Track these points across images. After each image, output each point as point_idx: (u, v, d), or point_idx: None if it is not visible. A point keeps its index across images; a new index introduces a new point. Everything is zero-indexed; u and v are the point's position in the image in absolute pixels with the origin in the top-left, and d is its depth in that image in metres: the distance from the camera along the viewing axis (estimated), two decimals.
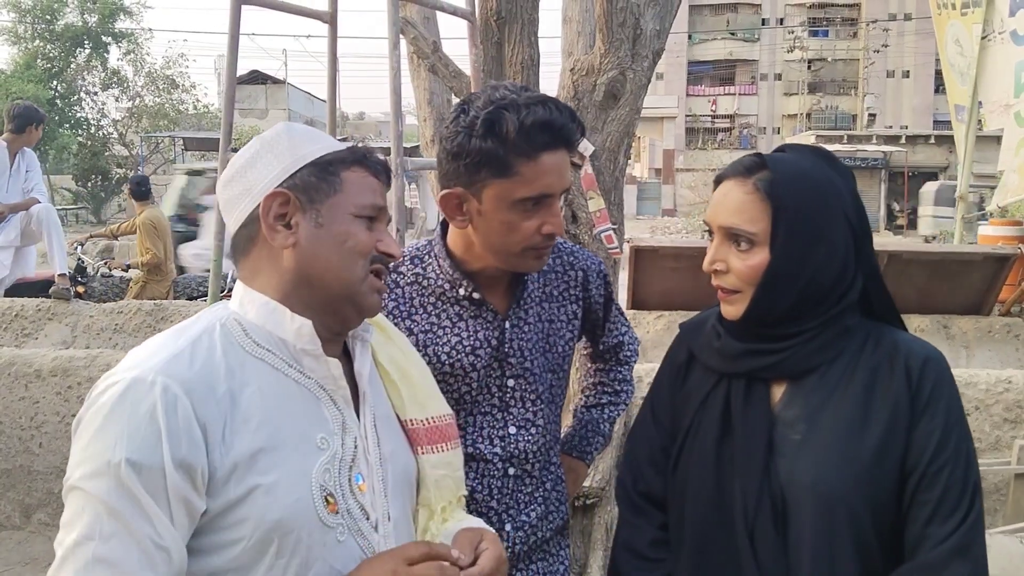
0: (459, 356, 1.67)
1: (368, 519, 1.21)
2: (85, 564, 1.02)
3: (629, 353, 2.07)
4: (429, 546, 1.19)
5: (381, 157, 1.28)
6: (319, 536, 1.14)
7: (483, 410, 1.71)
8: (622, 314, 2.04)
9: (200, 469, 1.07)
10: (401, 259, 1.68)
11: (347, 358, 1.31)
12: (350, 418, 1.23)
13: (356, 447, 1.22)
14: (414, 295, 1.70)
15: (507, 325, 1.70)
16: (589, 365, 2.12)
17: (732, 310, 1.44)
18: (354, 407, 1.26)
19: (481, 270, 1.67)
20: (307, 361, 1.21)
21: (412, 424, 1.36)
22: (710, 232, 1.47)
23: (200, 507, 1.08)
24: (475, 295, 1.68)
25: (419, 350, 1.55)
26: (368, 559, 1.18)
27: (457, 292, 1.69)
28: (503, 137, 1.50)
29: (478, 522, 1.38)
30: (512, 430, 1.72)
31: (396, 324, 1.59)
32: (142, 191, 7.91)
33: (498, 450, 1.71)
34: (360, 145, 1.28)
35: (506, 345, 1.70)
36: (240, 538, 1.09)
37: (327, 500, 1.15)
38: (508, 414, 1.72)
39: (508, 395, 1.72)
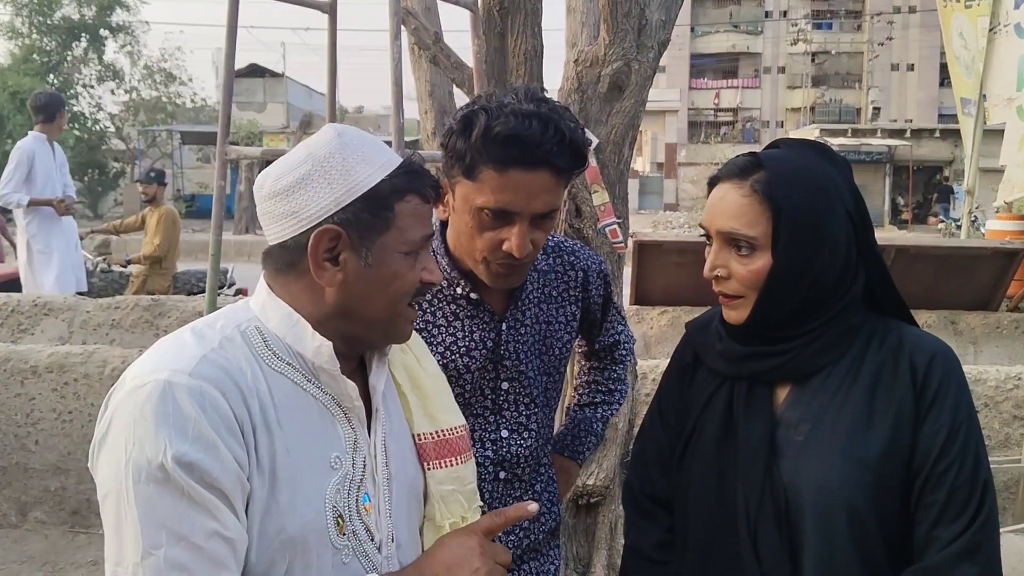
0: (453, 357, 1.63)
1: (372, 540, 1.18)
2: (158, 573, 0.99)
3: (624, 352, 2.04)
4: (504, 515, 1.23)
5: (433, 173, 1.22)
6: (328, 557, 1.12)
7: (475, 412, 1.67)
8: (619, 312, 2.01)
9: (243, 461, 1.05)
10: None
11: (362, 369, 1.27)
12: (362, 437, 1.20)
13: (365, 466, 1.19)
14: None
15: (504, 327, 1.66)
16: (583, 363, 2.09)
17: (735, 315, 1.40)
18: (366, 424, 1.22)
19: None
20: (324, 377, 1.17)
21: (422, 439, 1.33)
22: (707, 236, 1.43)
23: (248, 488, 1.06)
24: (472, 295, 1.64)
25: None
26: (445, 537, 1.22)
27: (454, 291, 1.65)
28: (470, 138, 1.46)
29: None
30: (504, 434, 1.69)
31: None
32: (152, 175, 7.92)
33: (489, 453, 1.68)
34: (414, 160, 1.21)
35: (502, 347, 1.66)
36: (252, 550, 1.07)
37: (338, 521, 1.13)
38: (501, 417, 1.69)
39: (501, 398, 1.69)
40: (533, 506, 1.21)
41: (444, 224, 1.66)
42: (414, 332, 1.45)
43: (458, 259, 1.63)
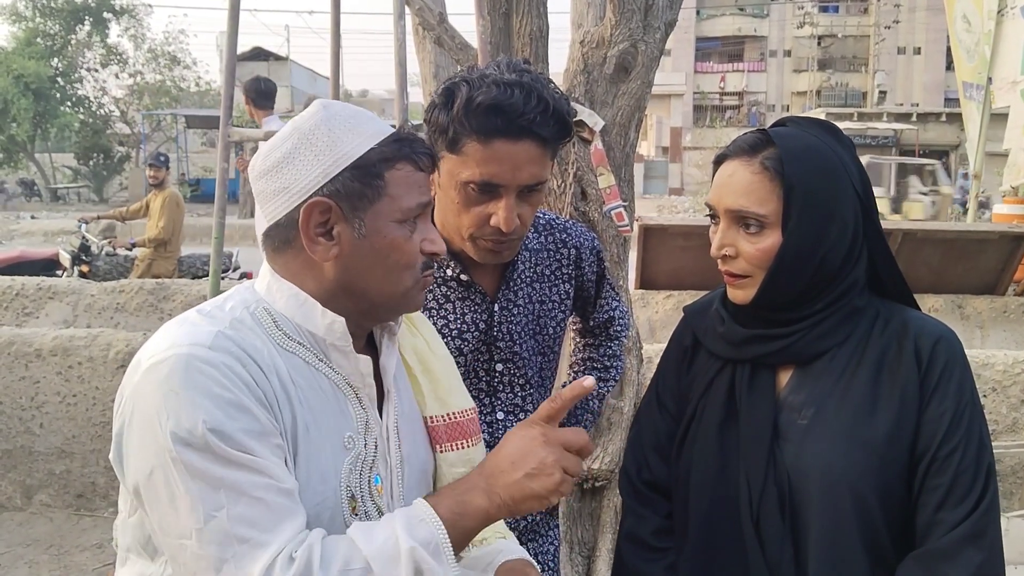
0: (446, 340, 1.60)
1: None
2: (225, 534, 0.98)
3: (619, 328, 2.02)
4: (561, 398, 1.15)
5: (425, 141, 1.20)
6: None
7: (470, 395, 1.65)
8: (613, 289, 1.99)
9: (275, 426, 1.05)
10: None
11: (372, 349, 1.26)
12: (373, 417, 1.19)
13: (376, 447, 1.18)
14: None
15: (496, 308, 1.64)
16: (578, 340, 2.07)
17: (741, 295, 1.39)
18: (377, 405, 1.21)
19: None
20: (335, 356, 1.16)
21: (433, 421, 1.32)
22: (713, 216, 1.41)
23: (285, 449, 1.06)
24: (463, 276, 1.62)
25: None
26: (509, 432, 1.15)
27: (444, 272, 1.62)
28: (451, 110, 1.44)
29: (518, 549, 1.33)
30: (500, 416, 1.68)
31: None
32: (162, 159, 7.91)
33: (486, 436, 1.65)
34: (406, 128, 1.19)
35: (495, 328, 1.64)
36: None
37: (351, 502, 1.13)
38: (496, 399, 1.68)
39: (496, 380, 1.67)
40: (589, 380, 1.13)
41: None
42: (422, 315, 1.44)
43: (447, 240, 1.60)
